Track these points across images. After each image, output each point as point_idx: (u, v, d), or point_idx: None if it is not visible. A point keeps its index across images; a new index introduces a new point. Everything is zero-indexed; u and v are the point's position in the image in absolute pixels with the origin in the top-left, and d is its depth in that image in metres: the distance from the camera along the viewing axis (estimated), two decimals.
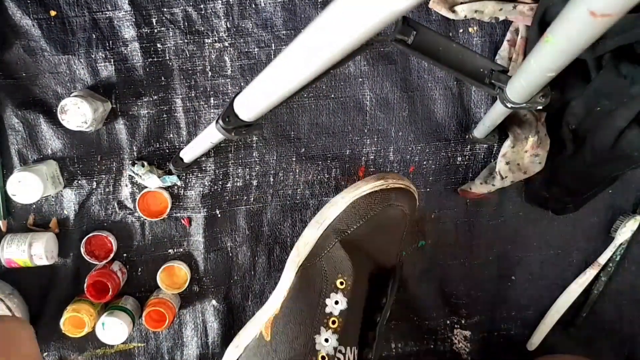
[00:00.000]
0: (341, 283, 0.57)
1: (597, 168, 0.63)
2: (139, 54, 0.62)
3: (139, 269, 0.67)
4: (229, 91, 0.64)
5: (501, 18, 0.63)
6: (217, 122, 0.47)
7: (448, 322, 0.73)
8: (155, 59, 0.63)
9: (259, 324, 0.61)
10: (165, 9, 0.62)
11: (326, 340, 0.55)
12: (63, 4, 0.61)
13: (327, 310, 0.56)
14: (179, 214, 0.67)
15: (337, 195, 0.61)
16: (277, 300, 0.60)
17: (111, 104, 0.63)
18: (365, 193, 0.59)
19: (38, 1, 0.60)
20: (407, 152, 0.67)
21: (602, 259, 0.72)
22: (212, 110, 0.65)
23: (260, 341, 0.60)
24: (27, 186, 0.58)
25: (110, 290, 0.62)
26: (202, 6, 0.62)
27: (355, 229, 0.59)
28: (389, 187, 0.59)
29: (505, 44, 0.64)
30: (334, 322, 0.56)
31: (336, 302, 0.56)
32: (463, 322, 0.73)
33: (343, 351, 0.56)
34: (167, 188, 0.65)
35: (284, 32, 0.63)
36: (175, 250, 0.67)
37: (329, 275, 0.57)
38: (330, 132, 0.66)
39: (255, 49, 0.64)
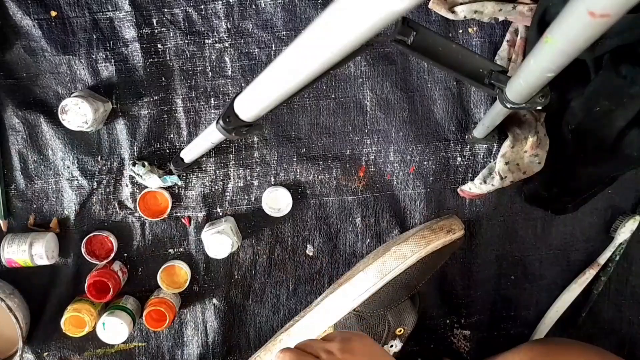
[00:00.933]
0: (399, 331, 0.60)
1: (597, 168, 0.64)
2: (140, 54, 0.62)
3: (140, 269, 0.68)
4: (229, 91, 0.64)
5: (500, 18, 0.63)
6: (217, 122, 0.47)
7: (448, 321, 0.73)
8: (156, 60, 0.63)
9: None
10: (165, 10, 0.62)
11: None
12: (64, 4, 0.61)
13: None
14: (179, 214, 0.67)
15: (405, 247, 0.61)
16: (315, 332, 0.62)
17: (112, 104, 0.63)
18: (437, 250, 0.61)
19: (39, 1, 0.60)
20: (407, 152, 0.67)
21: (602, 258, 0.72)
22: (212, 111, 0.65)
23: None
24: (221, 244, 0.62)
25: (111, 290, 0.62)
26: (202, 7, 0.62)
27: (423, 284, 0.61)
28: (454, 239, 0.61)
29: (504, 45, 0.64)
30: None
31: (391, 346, 0.60)
32: (463, 321, 0.73)
33: None
34: (167, 188, 0.65)
35: (284, 32, 0.63)
36: (175, 250, 0.68)
37: (392, 326, 0.60)
38: (331, 132, 0.66)
39: (256, 50, 0.64)
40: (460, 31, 0.65)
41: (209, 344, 0.70)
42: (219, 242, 0.62)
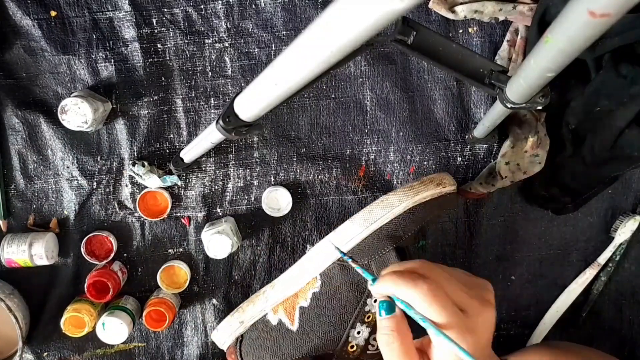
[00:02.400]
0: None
1: (597, 168, 0.63)
2: (139, 54, 0.62)
3: (139, 269, 0.68)
4: (229, 91, 0.64)
5: (501, 18, 0.63)
6: (217, 122, 0.47)
7: None
8: (156, 59, 0.63)
9: (269, 303, 0.62)
10: (165, 10, 0.62)
11: (359, 333, 0.57)
12: (63, 4, 0.61)
13: (367, 308, 0.58)
14: (179, 214, 0.67)
15: (392, 196, 0.60)
16: (299, 283, 0.61)
17: (111, 104, 0.63)
18: (425, 200, 0.59)
19: (38, 1, 0.60)
20: (407, 152, 0.67)
21: (602, 259, 0.72)
22: (212, 111, 0.65)
23: (281, 326, 0.61)
24: (221, 245, 0.62)
25: (111, 290, 0.62)
26: (202, 6, 0.62)
27: (409, 235, 0.59)
28: (443, 193, 0.60)
29: (504, 44, 0.64)
30: (369, 317, 0.57)
31: (375, 300, 0.57)
32: None
33: (373, 343, 0.59)
34: (167, 188, 0.65)
35: (284, 32, 0.63)
36: (175, 250, 0.68)
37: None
38: (331, 132, 0.66)
39: (256, 50, 0.64)
40: (461, 31, 0.65)
41: (208, 345, 0.70)
42: (219, 242, 0.62)
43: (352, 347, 0.57)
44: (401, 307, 0.37)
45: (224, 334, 0.63)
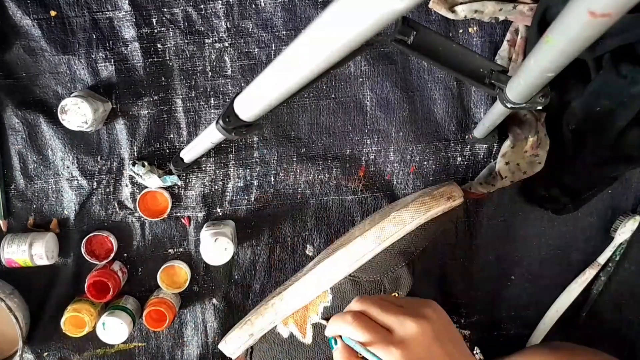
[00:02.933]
0: (395, 296, 0.59)
1: (597, 168, 0.63)
2: (139, 54, 0.62)
3: (139, 269, 0.68)
4: (229, 91, 0.64)
5: (501, 18, 0.63)
6: (217, 122, 0.47)
7: None
8: (156, 59, 0.63)
9: (278, 315, 0.62)
10: (165, 9, 0.62)
11: None
12: (63, 4, 0.61)
13: None
14: (179, 214, 0.67)
15: (405, 213, 0.60)
16: (309, 296, 0.61)
17: (111, 104, 0.63)
18: (437, 216, 0.60)
19: (38, 1, 0.60)
20: (407, 152, 0.67)
21: (602, 258, 0.72)
22: (212, 111, 0.65)
23: (292, 339, 0.61)
24: (221, 249, 0.62)
25: (111, 290, 0.62)
26: (202, 6, 0.62)
27: (421, 250, 0.61)
28: (453, 206, 0.60)
29: (505, 44, 0.64)
30: None
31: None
32: (463, 321, 0.73)
33: None
34: (167, 188, 0.65)
35: (284, 32, 0.63)
36: (175, 250, 0.68)
37: (388, 291, 0.60)
38: (331, 132, 0.66)
39: (256, 49, 0.64)
40: (461, 31, 0.65)
41: (208, 344, 0.70)
42: (221, 248, 0.62)
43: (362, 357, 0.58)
44: (343, 341, 0.44)
45: (233, 346, 0.64)
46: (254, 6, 0.63)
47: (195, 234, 0.67)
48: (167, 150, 0.65)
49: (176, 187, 0.66)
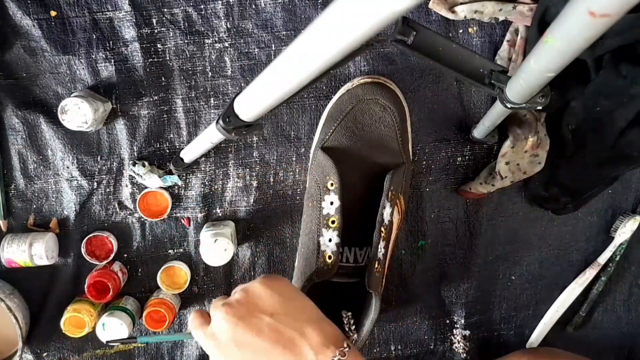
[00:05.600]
0: (331, 184, 0.59)
1: (597, 168, 0.64)
2: (140, 54, 0.62)
3: (139, 269, 0.68)
4: (229, 91, 0.64)
5: (501, 18, 0.63)
6: (217, 122, 0.47)
7: (447, 321, 0.73)
8: (156, 60, 0.63)
9: None
10: (165, 10, 0.62)
11: (329, 240, 0.58)
12: (63, 4, 0.61)
13: (325, 212, 0.59)
14: (179, 214, 0.67)
15: None
16: None
17: (111, 104, 0.63)
18: (335, 99, 0.62)
19: (38, 1, 0.60)
20: None
21: (602, 259, 0.72)
22: (212, 111, 0.65)
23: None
24: (220, 249, 0.62)
25: (111, 290, 0.62)
26: (202, 7, 0.62)
27: (331, 134, 0.61)
28: (355, 85, 0.61)
29: (504, 45, 0.64)
30: (333, 222, 0.58)
31: (331, 203, 0.58)
32: (462, 321, 0.73)
33: (347, 250, 0.60)
34: (167, 188, 0.65)
35: (284, 32, 0.63)
36: (175, 251, 0.68)
37: (320, 181, 0.60)
38: None
39: (256, 50, 0.64)
40: (461, 31, 0.65)
41: None
42: (221, 248, 0.61)
43: (329, 257, 0.57)
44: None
45: None
46: (254, 6, 0.63)
47: (195, 235, 0.67)
48: (167, 150, 0.65)
49: (176, 187, 0.66)
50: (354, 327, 0.50)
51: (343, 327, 0.49)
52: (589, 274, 0.72)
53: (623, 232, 0.70)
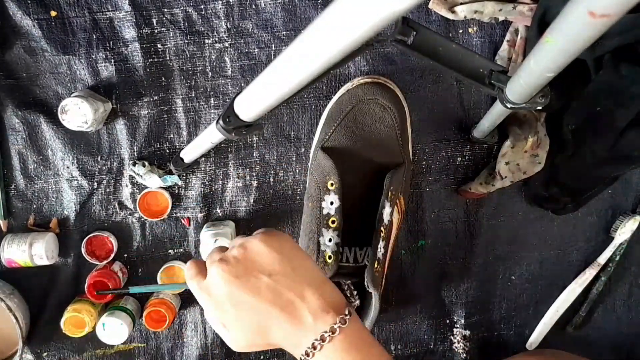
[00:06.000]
0: (331, 184, 0.59)
1: (597, 168, 0.63)
2: (140, 54, 0.62)
3: (140, 269, 0.68)
4: (229, 91, 0.64)
5: (501, 18, 0.63)
6: (217, 122, 0.47)
7: (447, 321, 0.73)
8: (156, 60, 0.63)
9: None
10: (165, 10, 0.62)
11: (329, 240, 0.58)
12: (63, 4, 0.61)
13: (325, 212, 0.59)
14: (179, 214, 0.67)
15: None
16: None
17: (112, 104, 0.63)
18: (335, 99, 0.62)
19: (38, 1, 0.60)
20: None
21: (602, 259, 0.72)
22: (212, 111, 0.65)
23: None
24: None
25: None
26: (202, 7, 0.62)
27: (331, 134, 0.61)
28: (355, 85, 0.61)
29: (504, 45, 0.64)
30: (333, 222, 0.58)
31: (331, 203, 0.58)
32: (462, 321, 0.73)
33: (347, 250, 0.60)
34: (167, 188, 0.65)
35: (284, 32, 0.63)
36: (175, 251, 0.68)
37: (321, 181, 0.60)
38: None
39: (256, 50, 0.64)
40: (461, 31, 0.65)
41: (208, 346, 0.70)
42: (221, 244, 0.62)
43: (329, 256, 0.57)
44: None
45: None
46: (254, 6, 0.63)
47: (196, 235, 0.67)
48: (167, 150, 0.65)
49: (176, 187, 0.66)
50: (355, 292, 0.49)
51: (345, 293, 0.47)
52: (589, 274, 0.72)
53: (623, 232, 0.70)
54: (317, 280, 0.43)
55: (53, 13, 0.61)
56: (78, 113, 0.58)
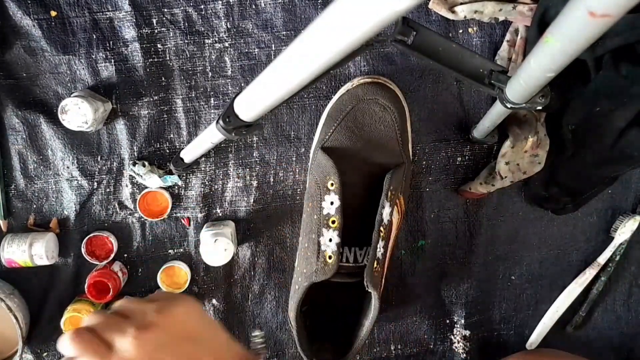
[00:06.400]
0: (331, 184, 0.59)
1: (597, 168, 0.64)
2: (140, 54, 0.62)
3: (140, 269, 0.68)
4: (229, 91, 0.64)
5: (501, 18, 0.63)
6: (217, 122, 0.47)
7: (447, 321, 0.73)
8: (156, 60, 0.63)
9: None
10: (165, 10, 0.62)
11: (329, 240, 0.58)
12: (63, 4, 0.61)
13: (325, 212, 0.58)
14: (179, 214, 0.67)
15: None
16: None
17: (112, 104, 0.63)
18: (335, 99, 0.62)
19: (38, 1, 0.60)
20: None
21: (602, 259, 0.72)
22: (212, 111, 0.65)
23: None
24: (221, 249, 0.62)
25: (111, 290, 0.62)
26: (202, 7, 0.62)
27: (331, 134, 0.61)
28: (355, 85, 0.61)
29: (504, 45, 0.64)
30: (333, 222, 0.58)
31: (331, 203, 0.58)
32: (462, 321, 0.73)
33: (347, 250, 0.60)
34: (167, 188, 0.65)
35: (284, 32, 0.63)
36: (175, 251, 0.68)
37: (320, 181, 0.60)
38: None
39: (256, 50, 0.64)
40: (461, 31, 0.65)
41: None
42: (221, 248, 0.62)
43: (329, 257, 0.57)
44: None
45: None
46: (254, 6, 0.63)
47: (195, 235, 0.67)
48: (167, 150, 0.65)
49: (176, 187, 0.66)
50: (263, 344, 0.49)
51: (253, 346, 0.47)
52: (589, 274, 0.72)
53: (623, 232, 0.70)
54: (226, 340, 0.42)
55: (53, 13, 0.61)
56: (78, 113, 0.58)
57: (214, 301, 0.69)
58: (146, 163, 0.64)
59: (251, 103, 0.43)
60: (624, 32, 0.54)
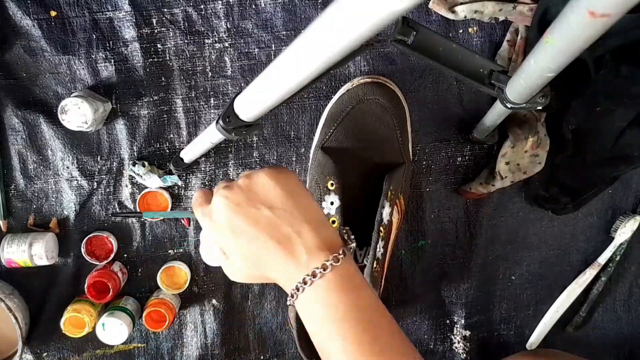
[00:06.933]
0: (331, 184, 0.59)
1: (597, 168, 0.64)
2: (140, 54, 0.62)
3: (139, 270, 0.68)
4: (229, 91, 0.64)
5: (501, 18, 0.63)
6: (217, 122, 0.47)
7: (447, 321, 0.73)
8: (156, 60, 0.63)
9: None
10: (165, 10, 0.62)
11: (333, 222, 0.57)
12: (63, 4, 0.61)
13: (325, 212, 0.58)
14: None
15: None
16: None
17: (111, 104, 0.63)
18: (335, 99, 0.62)
19: (38, 1, 0.60)
20: None
21: (602, 259, 0.72)
22: (212, 111, 0.65)
23: None
24: (219, 250, 0.61)
25: (111, 290, 0.62)
26: (202, 7, 0.62)
27: (331, 134, 0.61)
28: (355, 85, 0.61)
29: (505, 45, 0.64)
30: (333, 222, 0.58)
31: (332, 203, 0.58)
32: (463, 321, 0.73)
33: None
34: (167, 188, 0.65)
35: (284, 32, 0.63)
36: (175, 251, 0.68)
37: (321, 181, 0.60)
38: None
39: (255, 50, 0.64)
40: (461, 31, 0.65)
41: (208, 346, 0.70)
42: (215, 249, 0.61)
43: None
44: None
45: None
46: (254, 6, 0.63)
47: (195, 235, 0.67)
48: (167, 150, 0.65)
49: (176, 187, 0.66)
50: (352, 237, 0.49)
51: (342, 237, 0.47)
52: (589, 274, 0.72)
53: (623, 232, 0.70)
54: (316, 218, 0.43)
55: (53, 13, 0.61)
56: (78, 113, 0.58)
57: (214, 301, 0.69)
58: (146, 163, 0.64)
59: (251, 103, 0.43)
60: (624, 32, 0.54)
